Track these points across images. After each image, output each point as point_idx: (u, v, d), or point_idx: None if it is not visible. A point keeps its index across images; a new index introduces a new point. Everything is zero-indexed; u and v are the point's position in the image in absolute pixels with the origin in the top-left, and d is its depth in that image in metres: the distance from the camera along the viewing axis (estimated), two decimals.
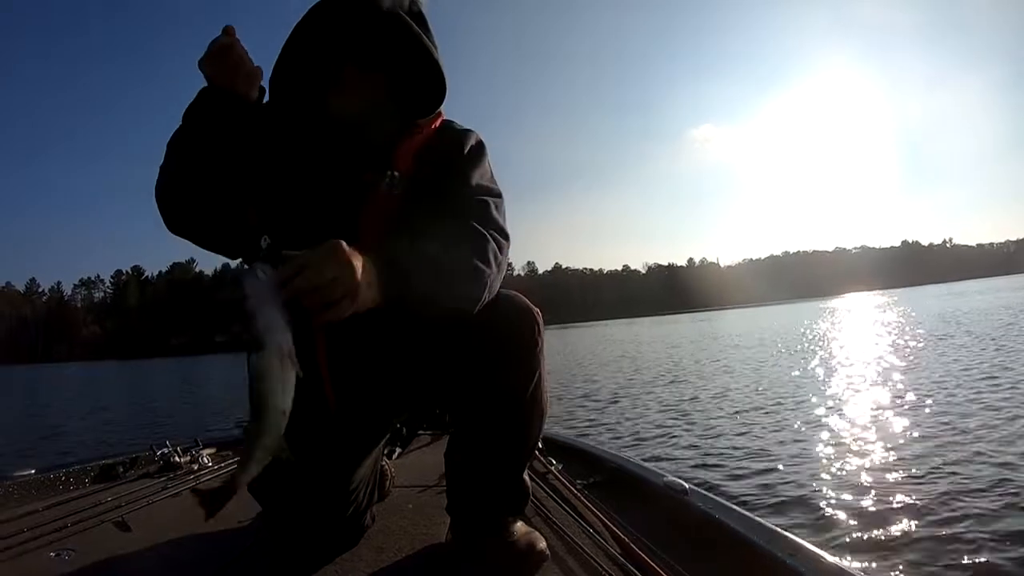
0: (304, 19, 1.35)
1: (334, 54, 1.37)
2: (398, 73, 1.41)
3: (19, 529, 1.79)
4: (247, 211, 1.42)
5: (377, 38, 1.36)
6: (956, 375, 8.80)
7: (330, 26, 1.35)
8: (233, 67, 1.29)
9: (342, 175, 1.40)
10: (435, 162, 1.42)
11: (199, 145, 1.33)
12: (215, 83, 1.30)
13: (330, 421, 1.48)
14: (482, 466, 1.46)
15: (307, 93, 1.41)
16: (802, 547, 1.31)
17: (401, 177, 1.38)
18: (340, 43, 1.37)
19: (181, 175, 1.36)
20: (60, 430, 11.84)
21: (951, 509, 3.57)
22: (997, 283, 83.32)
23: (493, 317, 1.35)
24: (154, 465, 2.63)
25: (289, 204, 1.41)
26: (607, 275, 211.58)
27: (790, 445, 5.70)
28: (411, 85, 1.43)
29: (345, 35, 1.36)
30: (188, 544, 1.77)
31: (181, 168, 1.36)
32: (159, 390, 20.89)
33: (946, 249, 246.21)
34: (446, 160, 1.43)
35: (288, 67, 1.38)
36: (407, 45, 1.37)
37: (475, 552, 1.46)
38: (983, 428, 5.49)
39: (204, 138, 1.33)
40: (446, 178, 1.41)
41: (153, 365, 49.78)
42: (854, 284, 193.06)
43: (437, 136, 1.47)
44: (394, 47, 1.38)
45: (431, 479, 2.21)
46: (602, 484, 2.15)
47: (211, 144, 1.33)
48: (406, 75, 1.42)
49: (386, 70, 1.40)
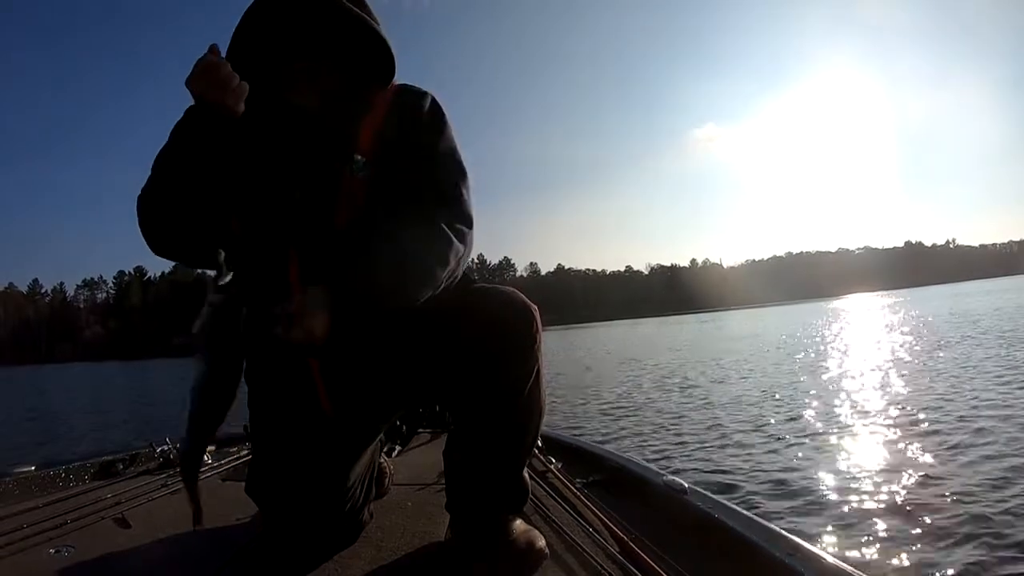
0: (243, 21, 1.37)
1: (282, 51, 1.40)
2: (348, 56, 1.43)
3: (19, 525, 1.79)
4: (230, 221, 1.44)
5: (319, 27, 1.38)
6: (963, 376, 8.77)
7: (272, 25, 1.38)
8: (222, 84, 1.29)
9: (312, 167, 1.42)
10: (395, 139, 1.44)
11: (189, 164, 1.33)
12: (205, 100, 1.30)
13: (326, 425, 1.50)
14: (481, 463, 1.46)
15: (262, 92, 1.41)
16: (802, 547, 1.31)
17: (365, 159, 1.41)
18: (286, 39, 1.39)
19: (170, 196, 1.35)
20: (61, 428, 11.90)
21: (953, 510, 3.57)
22: (1003, 283, 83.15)
23: (491, 314, 1.36)
24: (154, 462, 2.63)
25: (265, 204, 1.43)
26: (610, 276, 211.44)
27: (792, 445, 5.71)
28: (363, 64, 1.45)
29: (288, 31, 1.38)
30: (188, 541, 1.76)
31: (170, 188, 1.35)
32: (161, 389, 20.87)
33: (949, 249, 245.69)
34: (406, 134, 1.45)
35: (238, 69, 1.37)
36: (350, 27, 1.39)
37: (474, 550, 1.46)
38: (996, 430, 5.45)
39: (194, 156, 1.32)
40: (410, 156, 1.44)
41: (156, 365, 49.74)
42: (857, 285, 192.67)
43: (394, 106, 1.47)
44: (337, 32, 1.39)
45: (430, 477, 2.21)
46: (602, 483, 2.14)
47: (201, 162, 1.33)
48: (356, 56, 1.44)
49: (335, 56, 1.43)
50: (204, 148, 1.32)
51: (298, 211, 1.41)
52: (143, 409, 15.59)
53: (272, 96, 1.43)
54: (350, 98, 1.44)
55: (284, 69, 1.40)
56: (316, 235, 1.40)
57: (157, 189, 1.37)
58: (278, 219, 1.41)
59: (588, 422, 8.15)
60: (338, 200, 1.40)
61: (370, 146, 1.43)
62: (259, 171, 1.44)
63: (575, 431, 7.35)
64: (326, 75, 1.42)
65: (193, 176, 1.33)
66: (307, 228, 1.40)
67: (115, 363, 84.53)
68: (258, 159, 1.44)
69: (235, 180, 1.41)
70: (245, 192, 1.43)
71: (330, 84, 1.43)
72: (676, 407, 8.66)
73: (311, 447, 1.52)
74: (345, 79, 1.45)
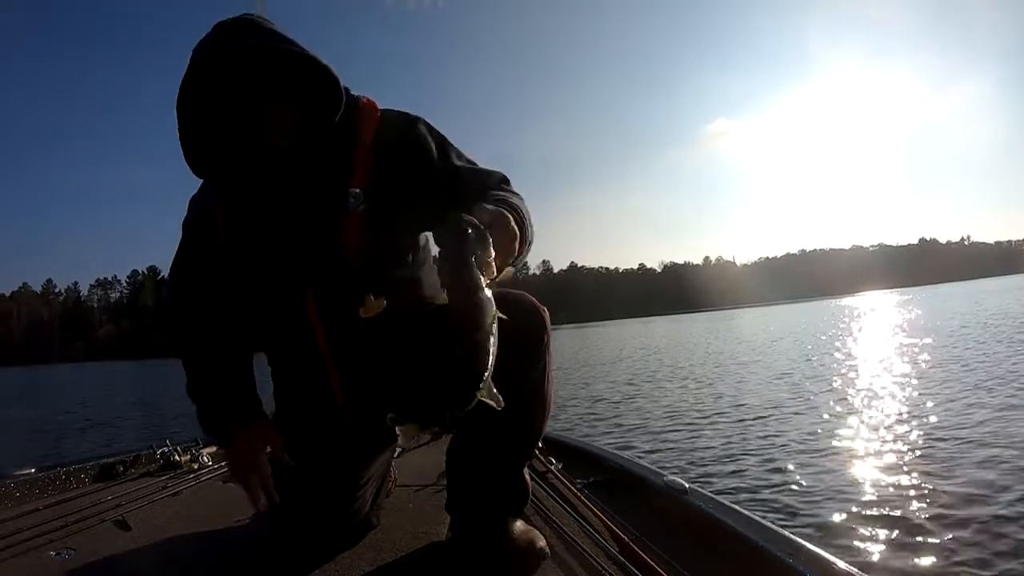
0: (192, 74, 1.34)
1: (241, 103, 1.38)
2: (298, 89, 1.41)
3: (19, 528, 1.80)
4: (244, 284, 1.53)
5: (261, 73, 1.36)
6: (967, 379, 8.62)
7: (225, 76, 1.36)
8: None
9: (308, 208, 1.44)
10: (398, 158, 1.45)
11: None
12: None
13: (348, 433, 1.56)
14: (485, 461, 1.46)
15: (235, 137, 1.42)
16: (802, 547, 1.29)
17: (363, 190, 1.43)
18: (240, 91, 1.37)
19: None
20: (65, 429, 12.01)
21: (955, 510, 3.56)
22: (1020, 281, 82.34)
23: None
24: (154, 464, 2.65)
25: (269, 252, 1.47)
26: (622, 274, 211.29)
27: (794, 445, 5.70)
28: (313, 95, 1.43)
29: (246, 81, 1.36)
30: (188, 543, 1.77)
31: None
32: (167, 390, 20.97)
33: (964, 246, 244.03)
34: (411, 152, 1.46)
35: (198, 134, 1.41)
36: (297, 64, 1.37)
37: (475, 551, 1.46)
38: (1007, 431, 5.38)
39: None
40: (427, 182, 1.45)
41: (168, 365, 50.10)
42: (872, 282, 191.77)
43: (383, 133, 1.47)
44: (287, 72, 1.38)
45: (431, 478, 2.20)
46: (602, 483, 2.13)
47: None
48: (306, 87, 1.42)
49: (287, 94, 1.40)
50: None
51: (303, 252, 1.44)
52: (146, 410, 15.69)
53: (246, 141, 1.42)
54: (323, 131, 1.44)
55: (249, 115, 1.39)
56: (328, 271, 1.43)
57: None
58: (283, 263, 1.46)
59: (590, 422, 8.14)
60: (343, 235, 1.42)
61: (364, 178, 1.44)
62: (261, 222, 1.47)
63: (575, 431, 7.35)
64: (290, 113, 1.41)
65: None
66: (318, 266, 1.44)
67: (128, 363, 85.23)
68: (257, 210, 1.48)
69: (242, 244, 1.50)
70: (252, 248, 1.49)
71: (294, 119, 1.42)
72: (678, 408, 8.65)
73: (333, 453, 1.57)
74: (307, 112, 1.43)
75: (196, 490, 2.30)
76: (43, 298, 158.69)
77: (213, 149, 1.43)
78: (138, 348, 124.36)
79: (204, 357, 1.58)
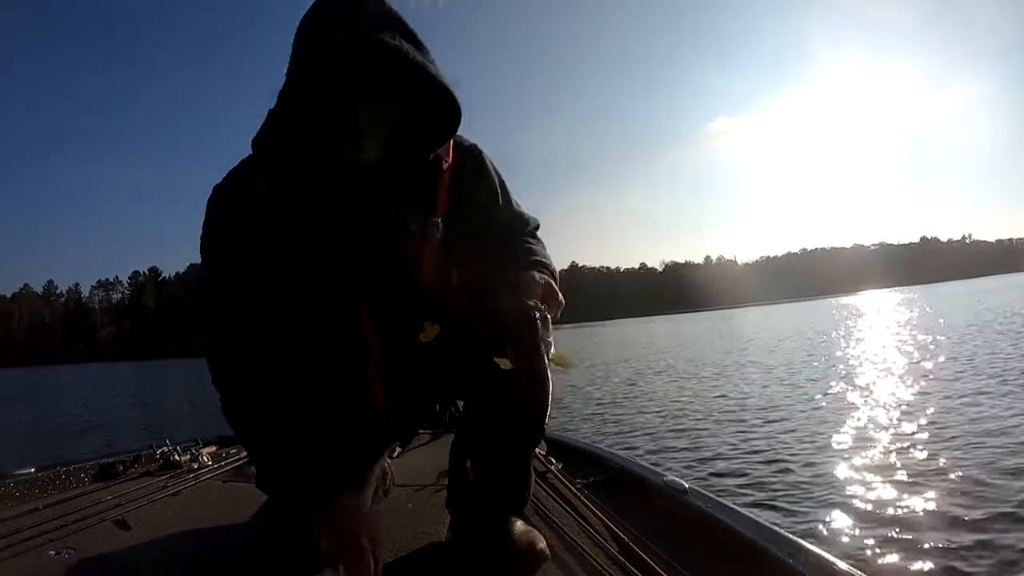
0: (299, 63, 1.27)
1: (341, 97, 1.30)
2: (408, 99, 1.36)
3: (19, 528, 1.79)
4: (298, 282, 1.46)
5: (376, 70, 1.28)
6: (972, 378, 8.60)
7: (333, 68, 1.27)
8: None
9: (384, 227, 1.39)
10: (468, 195, 1.46)
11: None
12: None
13: (381, 427, 1.54)
14: (487, 459, 1.45)
15: (317, 148, 1.35)
16: (802, 547, 1.29)
17: (442, 218, 1.42)
18: (349, 84, 1.29)
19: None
20: (65, 430, 12.01)
21: (955, 511, 3.55)
22: (1021, 279, 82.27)
23: (504, 316, 1.35)
24: (154, 463, 2.63)
25: (330, 259, 1.38)
26: (623, 273, 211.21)
27: (795, 445, 5.69)
28: (422, 108, 1.38)
29: (354, 75, 1.28)
30: (188, 542, 1.77)
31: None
32: (167, 390, 21.01)
33: (965, 245, 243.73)
34: (486, 185, 1.50)
35: (297, 123, 1.33)
36: (414, 74, 1.30)
37: (475, 551, 1.46)
38: (1011, 431, 5.37)
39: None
40: (495, 203, 1.51)
41: (170, 365, 50.18)
42: (873, 281, 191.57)
43: (461, 160, 1.46)
44: (402, 79, 1.31)
45: (431, 478, 2.20)
46: (602, 483, 2.13)
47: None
48: (415, 98, 1.36)
49: (397, 99, 1.34)
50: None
51: (372, 270, 1.39)
52: (146, 411, 15.68)
53: (327, 153, 1.35)
54: (413, 153, 1.39)
55: (342, 117, 1.31)
56: (394, 294, 1.40)
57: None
58: (349, 277, 1.39)
59: (591, 422, 8.13)
60: (419, 263, 1.40)
61: (444, 205, 1.43)
62: (327, 225, 1.38)
63: (576, 431, 7.34)
64: (387, 125, 1.35)
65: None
66: (383, 287, 1.40)
67: (129, 363, 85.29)
68: (325, 211, 1.38)
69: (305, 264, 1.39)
70: (313, 249, 1.38)
71: (389, 135, 1.36)
72: (678, 407, 8.64)
73: (365, 446, 1.55)
74: (407, 125, 1.38)
75: (196, 490, 2.29)
76: (44, 299, 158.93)
77: (296, 136, 1.35)
78: (139, 349, 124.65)
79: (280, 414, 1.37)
